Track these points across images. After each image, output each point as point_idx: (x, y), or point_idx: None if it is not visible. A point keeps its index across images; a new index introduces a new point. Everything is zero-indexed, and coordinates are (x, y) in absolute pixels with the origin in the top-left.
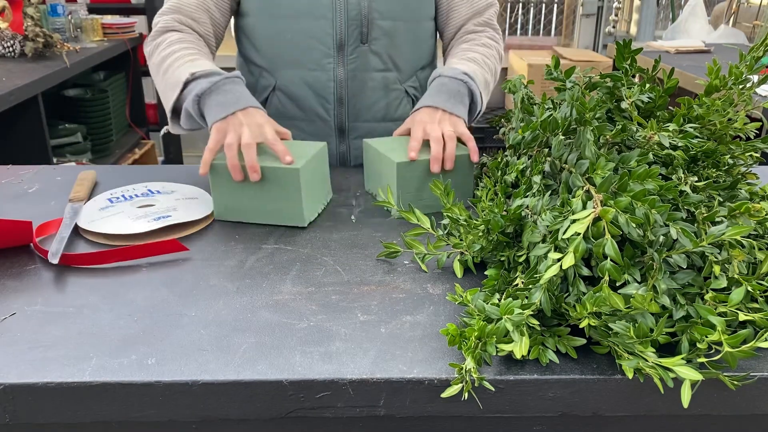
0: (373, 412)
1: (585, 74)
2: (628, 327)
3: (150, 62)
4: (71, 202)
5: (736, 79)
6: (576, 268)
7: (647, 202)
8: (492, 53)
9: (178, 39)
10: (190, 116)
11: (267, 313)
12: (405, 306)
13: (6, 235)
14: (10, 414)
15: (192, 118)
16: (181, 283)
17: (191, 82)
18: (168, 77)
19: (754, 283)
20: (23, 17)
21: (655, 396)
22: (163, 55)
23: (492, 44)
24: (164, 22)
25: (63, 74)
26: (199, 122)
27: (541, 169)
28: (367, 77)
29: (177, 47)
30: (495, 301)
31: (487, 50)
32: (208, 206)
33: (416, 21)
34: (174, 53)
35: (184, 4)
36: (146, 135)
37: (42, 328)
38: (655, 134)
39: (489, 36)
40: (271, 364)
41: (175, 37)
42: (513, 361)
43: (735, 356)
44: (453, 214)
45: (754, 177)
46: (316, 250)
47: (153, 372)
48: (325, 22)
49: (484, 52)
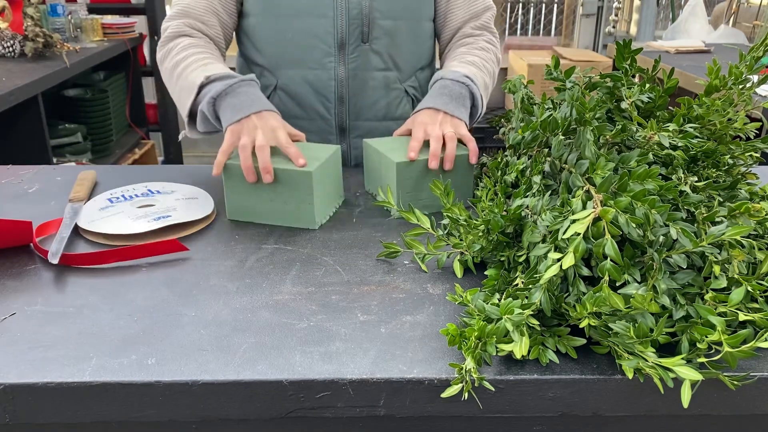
0: (373, 412)
1: (585, 74)
2: (628, 327)
3: (162, 67)
4: (71, 202)
5: (736, 79)
6: (576, 268)
7: (647, 202)
8: (490, 57)
9: (190, 44)
10: (206, 119)
11: (267, 313)
12: (405, 306)
13: (6, 235)
14: (10, 414)
15: (208, 120)
16: (181, 283)
17: (206, 86)
18: (182, 81)
19: (754, 283)
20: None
21: (655, 396)
22: (176, 60)
23: (490, 48)
24: (174, 27)
25: (63, 74)
26: (215, 125)
27: (541, 169)
28: (368, 76)
29: (190, 52)
30: (495, 301)
31: (486, 54)
32: (208, 206)
33: (417, 21)
34: (187, 58)
35: (192, 8)
36: (146, 135)
37: (42, 328)
38: (655, 134)
39: (486, 40)
40: (271, 364)
41: (186, 42)
42: (513, 361)
43: (735, 356)
44: (453, 214)
45: (754, 177)
46: (316, 250)
47: (153, 372)
48: (326, 20)
49: (482, 56)
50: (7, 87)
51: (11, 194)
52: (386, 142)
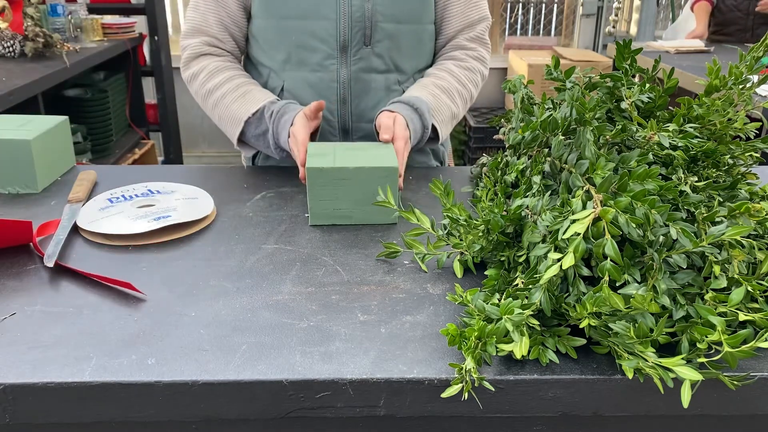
0: (373, 412)
1: (585, 74)
2: (628, 327)
3: (192, 90)
4: (70, 203)
5: (736, 79)
6: (576, 268)
7: (647, 202)
8: (475, 78)
9: (215, 69)
10: (263, 140)
11: (267, 313)
12: (405, 306)
13: (6, 235)
14: (10, 414)
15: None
16: (181, 283)
17: (251, 123)
18: (221, 112)
19: (754, 283)
20: (23, 17)
21: (655, 396)
22: (209, 88)
23: (477, 68)
24: (193, 48)
25: (63, 74)
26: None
27: (541, 169)
28: (370, 78)
29: (219, 80)
30: (495, 301)
31: (471, 75)
32: (208, 206)
33: (418, 24)
34: (221, 86)
35: (205, 24)
36: (146, 135)
37: (42, 328)
38: (655, 134)
39: (477, 56)
40: (271, 364)
41: (212, 66)
42: (513, 361)
43: (735, 356)
44: (453, 214)
45: (754, 177)
46: (316, 250)
47: (153, 372)
48: (329, 23)
49: (464, 80)
50: (7, 87)
51: (11, 194)
52: (319, 147)
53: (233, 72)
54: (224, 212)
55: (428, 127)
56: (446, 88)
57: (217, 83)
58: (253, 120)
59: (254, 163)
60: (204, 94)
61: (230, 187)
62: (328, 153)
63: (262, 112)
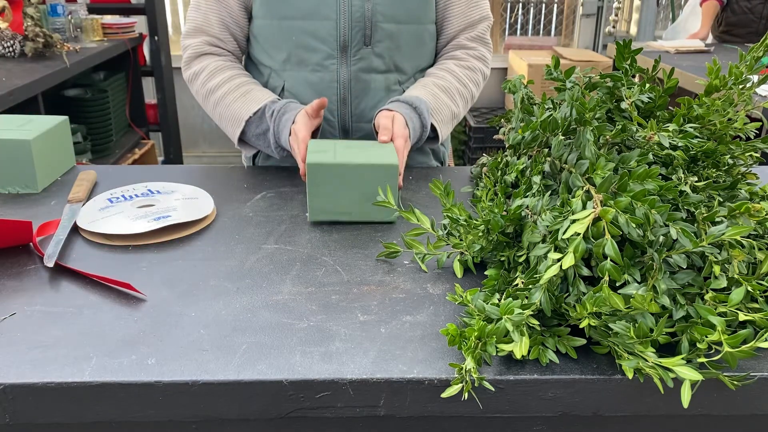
0: (373, 412)
1: (585, 74)
2: (628, 327)
3: (193, 89)
4: (70, 203)
5: (736, 79)
6: (576, 268)
7: (647, 202)
8: (476, 77)
9: (216, 68)
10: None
11: (267, 313)
12: (405, 306)
13: (6, 235)
14: (10, 414)
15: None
16: (181, 283)
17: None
18: (222, 111)
19: (754, 283)
20: (23, 17)
21: (655, 396)
22: (209, 88)
23: (478, 67)
24: (195, 47)
25: (63, 74)
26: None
27: (541, 169)
28: (370, 79)
29: (220, 79)
30: (495, 301)
31: (472, 74)
32: (208, 206)
33: (419, 24)
34: (221, 86)
35: (206, 24)
36: (146, 135)
37: (42, 328)
38: (655, 134)
39: (478, 55)
40: (271, 364)
41: (213, 66)
42: (513, 361)
43: (735, 356)
44: (453, 214)
45: (754, 177)
46: (316, 250)
47: (153, 372)
48: (329, 23)
49: (465, 80)
50: (7, 87)
51: (11, 194)
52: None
53: (234, 71)
54: (224, 212)
55: (427, 126)
56: (446, 88)
57: (217, 83)
58: (254, 119)
59: (254, 163)
60: (205, 93)
61: (230, 187)
62: (328, 149)
63: (263, 112)
